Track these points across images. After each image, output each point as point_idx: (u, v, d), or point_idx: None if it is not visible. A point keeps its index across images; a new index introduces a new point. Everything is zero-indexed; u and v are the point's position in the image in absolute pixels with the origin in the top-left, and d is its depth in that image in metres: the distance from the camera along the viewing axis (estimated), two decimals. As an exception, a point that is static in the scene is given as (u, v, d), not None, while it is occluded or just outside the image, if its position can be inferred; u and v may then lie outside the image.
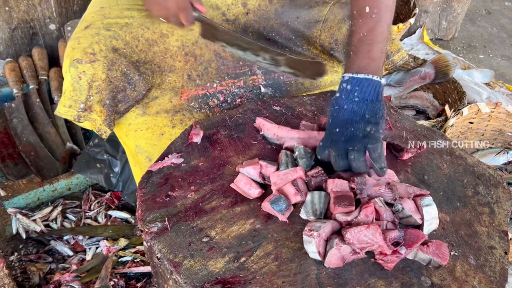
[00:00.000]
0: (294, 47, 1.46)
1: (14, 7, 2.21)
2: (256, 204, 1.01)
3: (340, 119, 1.04)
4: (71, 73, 1.23)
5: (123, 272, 1.50)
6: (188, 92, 1.39)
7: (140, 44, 1.32)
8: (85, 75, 1.22)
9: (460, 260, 0.94)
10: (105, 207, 1.76)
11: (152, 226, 0.96)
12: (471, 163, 1.19)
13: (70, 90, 1.24)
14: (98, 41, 1.25)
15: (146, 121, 1.37)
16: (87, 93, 1.23)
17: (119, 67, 1.26)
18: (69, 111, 1.25)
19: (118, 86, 1.27)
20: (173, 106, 1.38)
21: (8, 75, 2.09)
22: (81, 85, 1.23)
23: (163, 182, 1.06)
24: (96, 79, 1.23)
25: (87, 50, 1.23)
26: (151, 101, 1.36)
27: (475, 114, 1.99)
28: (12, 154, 1.92)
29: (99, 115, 1.26)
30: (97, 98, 1.25)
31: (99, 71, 1.23)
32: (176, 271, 0.88)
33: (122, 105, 1.31)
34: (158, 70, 1.35)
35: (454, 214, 1.04)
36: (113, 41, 1.27)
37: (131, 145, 1.41)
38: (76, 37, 1.27)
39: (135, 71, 1.30)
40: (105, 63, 1.24)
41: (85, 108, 1.24)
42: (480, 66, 2.88)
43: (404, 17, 2.64)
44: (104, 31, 1.27)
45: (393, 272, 0.90)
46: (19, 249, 1.60)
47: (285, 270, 0.89)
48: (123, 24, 1.31)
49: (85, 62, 1.22)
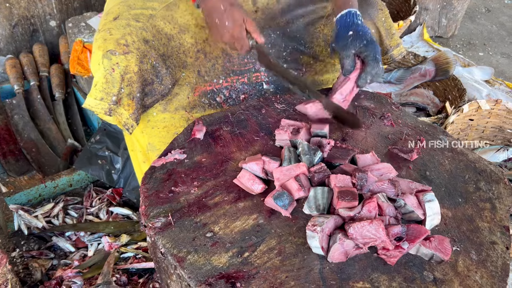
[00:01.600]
0: (298, 45, 1.47)
1: (15, 3, 2.21)
2: (259, 199, 1.02)
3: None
4: (104, 65, 1.19)
5: (125, 268, 1.51)
6: (199, 88, 1.39)
7: (163, 37, 1.30)
8: (118, 67, 1.19)
9: (462, 255, 0.95)
10: (106, 203, 1.76)
11: (156, 221, 0.96)
12: (473, 159, 1.19)
13: (102, 82, 1.20)
14: (130, 32, 1.22)
15: (165, 119, 1.37)
16: (119, 86, 1.20)
17: (149, 59, 1.24)
18: (100, 104, 1.21)
19: (147, 79, 1.25)
20: (189, 102, 1.38)
21: (9, 72, 2.09)
22: (114, 77, 1.19)
23: (166, 178, 1.07)
24: (129, 71, 1.20)
25: (120, 41, 1.20)
26: (173, 97, 1.36)
27: (475, 111, 1.99)
28: (14, 150, 1.92)
29: (126, 109, 1.23)
30: (127, 91, 1.22)
31: (132, 63, 1.20)
32: (180, 265, 0.88)
33: (148, 98, 1.29)
34: (176, 65, 1.34)
35: (456, 210, 1.05)
36: (144, 33, 1.25)
37: (144, 142, 1.41)
38: (107, 28, 1.24)
39: (163, 64, 1.28)
40: (138, 55, 1.21)
41: (116, 101, 1.21)
42: (480, 63, 2.89)
43: (404, 14, 2.64)
44: (134, 22, 1.25)
45: (395, 267, 0.91)
46: (21, 245, 1.60)
47: (289, 265, 0.89)
48: (149, 16, 1.29)
49: (118, 54, 1.19)
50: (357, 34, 1.23)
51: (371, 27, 1.45)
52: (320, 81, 1.52)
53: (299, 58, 1.48)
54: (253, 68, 1.44)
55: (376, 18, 1.45)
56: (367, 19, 1.42)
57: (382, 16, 1.47)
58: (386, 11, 1.49)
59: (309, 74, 1.51)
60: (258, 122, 1.24)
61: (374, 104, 1.34)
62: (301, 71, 1.50)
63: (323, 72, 1.53)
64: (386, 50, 1.50)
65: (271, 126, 1.23)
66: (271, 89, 1.47)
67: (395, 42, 1.51)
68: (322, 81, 1.53)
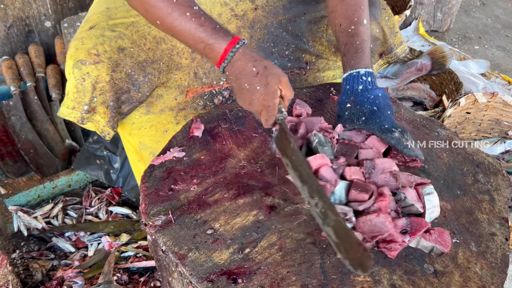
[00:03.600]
0: (301, 43, 1.46)
1: (9, 4, 2.20)
2: (258, 195, 1.02)
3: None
4: (75, 75, 1.20)
5: (126, 267, 1.51)
6: (194, 90, 1.38)
7: (148, 42, 1.28)
8: (89, 76, 1.20)
9: (462, 247, 0.96)
10: (105, 203, 1.76)
11: (156, 220, 0.96)
12: (470, 151, 1.20)
13: (73, 91, 1.22)
14: (102, 42, 1.22)
15: (150, 119, 1.37)
16: (90, 95, 1.21)
17: (123, 68, 1.24)
18: (72, 113, 1.23)
19: (122, 88, 1.25)
20: (178, 104, 1.37)
21: (5, 73, 2.08)
22: (84, 87, 1.20)
23: (165, 176, 1.07)
24: (100, 80, 1.21)
25: (91, 51, 1.20)
26: (155, 100, 1.35)
27: (472, 104, 2.00)
28: (11, 152, 1.92)
29: (102, 117, 1.24)
30: (101, 100, 1.23)
31: (103, 72, 1.20)
32: (181, 263, 0.89)
33: (126, 106, 1.29)
34: (166, 69, 1.32)
35: (455, 202, 1.05)
36: (119, 41, 1.23)
37: (135, 143, 1.41)
38: (80, 37, 1.24)
39: (140, 72, 1.26)
40: (109, 65, 1.21)
41: (89, 110, 1.23)
42: (476, 57, 2.89)
43: (399, 9, 2.64)
44: (109, 32, 1.24)
45: (396, 260, 0.91)
46: (21, 246, 1.60)
47: (290, 260, 0.90)
48: (129, 23, 1.27)
49: (89, 64, 1.19)
50: (355, 107, 1.13)
51: (376, 27, 1.45)
52: (321, 78, 1.53)
53: (301, 57, 1.48)
54: None
55: (380, 17, 1.46)
56: (371, 19, 1.41)
57: (386, 15, 1.48)
58: (388, 10, 1.49)
59: (311, 71, 1.51)
60: (256, 119, 1.24)
61: (372, 99, 1.35)
62: (304, 69, 1.49)
63: (325, 69, 1.53)
64: (390, 48, 1.50)
65: (269, 122, 1.23)
66: None
67: (399, 40, 1.51)
68: (323, 78, 1.53)
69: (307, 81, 1.50)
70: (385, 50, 1.49)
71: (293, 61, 1.48)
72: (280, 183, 1.05)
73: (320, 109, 1.29)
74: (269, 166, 1.10)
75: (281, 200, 1.01)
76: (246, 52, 1.04)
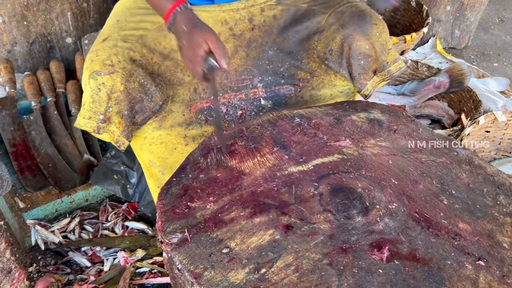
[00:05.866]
0: (293, 61, 1.48)
1: (32, 21, 2.25)
2: (275, 214, 1.01)
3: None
4: (91, 85, 1.25)
5: (141, 283, 1.51)
6: (195, 105, 1.41)
7: (155, 57, 1.35)
8: (104, 86, 1.24)
9: (484, 271, 0.93)
10: (122, 218, 1.77)
11: (173, 237, 0.96)
12: (491, 172, 1.18)
13: (89, 101, 1.25)
14: (116, 52, 1.27)
15: (161, 136, 1.39)
16: (106, 105, 1.25)
17: (136, 78, 1.28)
18: (88, 123, 1.27)
19: (136, 97, 1.29)
20: (185, 120, 1.40)
21: (27, 88, 2.13)
22: (100, 97, 1.24)
23: (182, 193, 1.07)
24: (115, 90, 1.25)
25: (105, 62, 1.25)
26: (167, 114, 1.38)
27: (492, 122, 1.97)
28: (31, 166, 1.95)
29: (117, 127, 1.27)
30: (116, 109, 1.26)
31: (117, 82, 1.25)
32: (197, 282, 0.88)
33: (140, 116, 1.32)
34: (169, 83, 1.38)
35: (475, 224, 1.03)
36: (131, 53, 1.29)
37: (145, 159, 1.43)
38: (95, 49, 1.29)
39: (152, 82, 1.32)
40: (123, 74, 1.25)
41: (104, 119, 1.26)
42: (495, 74, 2.86)
43: (417, 26, 2.64)
44: (121, 42, 1.30)
45: (415, 282, 0.89)
46: (37, 260, 1.62)
47: (306, 281, 0.88)
48: (138, 36, 1.33)
49: (104, 74, 1.24)
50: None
51: (365, 43, 1.41)
52: (318, 96, 1.52)
53: (296, 74, 1.49)
54: (250, 84, 1.46)
55: (371, 33, 1.41)
56: (360, 34, 1.40)
57: (377, 31, 1.42)
58: (381, 26, 1.43)
59: (306, 89, 1.51)
60: (272, 137, 1.24)
61: (390, 118, 1.34)
62: (298, 86, 1.50)
63: (320, 87, 1.52)
64: (382, 66, 1.45)
65: (286, 140, 1.23)
66: (269, 105, 1.48)
67: (392, 58, 1.46)
68: (320, 96, 1.52)
69: (304, 99, 1.51)
70: (378, 67, 1.44)
71: (286, 78, 1.49)
72: (297, 202, 1.04)
73: (337, 127, 1.28)
74: (286, 185, 1.09)
75: (297, 220, 1.00)
76: (184, 14, 1.21)
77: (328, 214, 1.01)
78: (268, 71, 1.48)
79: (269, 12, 1.48)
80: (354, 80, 1.46)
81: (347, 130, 1.28)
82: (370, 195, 1.06)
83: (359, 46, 1.40)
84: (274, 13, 1.48)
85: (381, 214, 1.02)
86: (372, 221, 1.00)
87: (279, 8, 1.48)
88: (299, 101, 1.50)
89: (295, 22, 1.48)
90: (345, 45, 1.42)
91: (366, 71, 1.44)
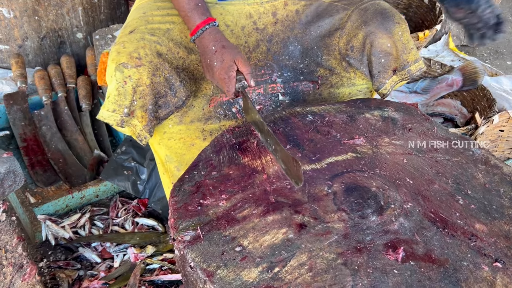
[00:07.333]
0: (313, 57, 1.47)
1: (43, 16, 2.26)
2: (288, 213, 1.00)
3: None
4: (117, 78, 1.22)
5: (151, 280, 1.50)
6: (215, 98, 1.40)
7: (181, 51, 1.33)
8: (130, 79, 1.22)
9: (501, 273, 0.92)
10: (132, 214, 1.77)
11: (185, 235, 0.96)
12: (508, 172, 1.16)
13: (115, 94, 1.23)
14: (143, 45, 1.25)
15: (180, 131, 1.38)
16: (131, 98, 1.23)
17: (162, 72, 1.27)
18: (112, 116, 1.24)
19: (160, 92, 1.28)
20: (204, 114, 1.39)
21: (38, 83, 2.13)
22: (126, 90, 1.22)
23: (194, 190, 1.06)
24: (141, 84, 1.23)
25: (133, 55, 1.23)
26: (188, 109, 1.38)
27: (506, 121, 1.94)
28: (41, 161, 1.95)
29: (140, 121, 1.26)
30: (140, 103, 1.25)
31: (144, 76, 1.23)
32: (209, 280, 0.87)
33: (162, 111, 1.31)
34: (193, 78, 1.37)
35: (492, 225, 1.01)
36: (158, 46, 1.28)
37: (162, 154, 1.42)
38: (121, 41, 1.27)
39: (177, 77, 1.30)
40: (150, 68, 1.24)
41: (129, 113, 1.24)
42: (508, 72, 2.82)
43: (429, 23, 2.60)
44: (148, 36, 1.28)
45: (430, 283, 0.88)
46: (48, 255, 1.62)
47: (320, 281, 0.87)
48: (165, 30, 1.32)
49: (131, 67, 1.22)
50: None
51: (387, 41, 1.40)
52: (337, 94, 1.51)
53: (315, 70, 1.48)
54: (269, 79, 1.45)
55: (393, 31, 1.40)
56: (382, 32, 1.39)
57: (399, 30, 1.41)
58: (404, 25, 1.43)
59: (324, 86, 1.49)
60: (285, 134, 1.23)
61: (404, 116, 1.32)
62: (317, 83, 1.49)
63: (339, 85, 1.50)
64: (402, 65, 1.44)
65: (298, 137, 1.22)
66: (286, 100, 1.47)
67: (413, 58, 1.44)
68: (338, 94, 1.51)
69: (322, 96, 1.49)
70: (398, 66, 1.44)
71: (305, 74, 1.48)
72: (310, 200, 1.03)
73: (351, 125, 1.27)
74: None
75: (311, 219, 0.99)
76: (212, 33, 1.25)
77: (342, 213, 1.00)
78: (288, 67, 1.47)
79: (292, 6, 1.47)
80: (373, 78, 1.44)
81: (361, 128, 1.26)
82: (385, 195, 1.04)
83: (381, 43, 1.39)
84: (296, 8, 1.47)
85: (396, 214, 1.00)
86: (387, 221, 0.99)
87: (302, 3, 1.47)
88: (317, 98, 1.49)
89: (317, 17, 1.47)
90: (367, 42, 1.41)
91: (386, 69, 1.42)
